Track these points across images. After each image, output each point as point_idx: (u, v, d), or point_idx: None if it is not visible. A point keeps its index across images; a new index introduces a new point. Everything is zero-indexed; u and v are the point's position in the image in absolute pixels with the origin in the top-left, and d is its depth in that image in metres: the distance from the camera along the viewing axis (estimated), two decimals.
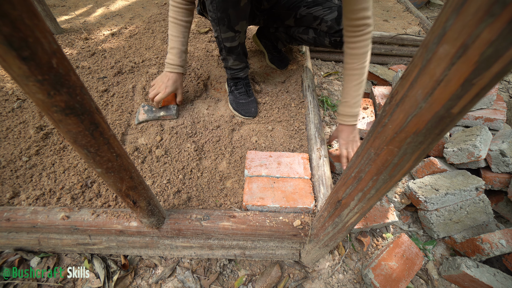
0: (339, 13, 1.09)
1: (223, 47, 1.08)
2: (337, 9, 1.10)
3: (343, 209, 0.59)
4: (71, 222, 0.84)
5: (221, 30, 0.99)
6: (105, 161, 0.49)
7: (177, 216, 0.85)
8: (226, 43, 1.05)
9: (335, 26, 1.11)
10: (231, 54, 1.11)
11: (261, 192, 0.90)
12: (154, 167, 1.02)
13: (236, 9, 0.92)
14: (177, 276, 0.94)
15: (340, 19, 1.10)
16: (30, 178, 0.97)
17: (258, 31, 1.51)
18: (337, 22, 1.10)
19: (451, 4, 0.24)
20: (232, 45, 1.06)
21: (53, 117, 0.37)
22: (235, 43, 1.05)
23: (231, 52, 1.10)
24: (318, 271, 0.98)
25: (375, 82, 1.68)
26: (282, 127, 1.20)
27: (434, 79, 0.28)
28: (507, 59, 0.23)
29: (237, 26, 0.98)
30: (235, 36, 1.02)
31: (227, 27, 0.97)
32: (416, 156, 0.38)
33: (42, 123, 1.15)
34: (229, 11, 0.91)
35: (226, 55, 1.12)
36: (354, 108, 1.07)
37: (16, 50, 0.28)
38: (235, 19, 0.95)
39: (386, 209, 1.10)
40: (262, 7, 1.21)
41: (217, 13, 0.92)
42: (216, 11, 0.92)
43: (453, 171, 1.15)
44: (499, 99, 1.32)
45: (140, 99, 1.28)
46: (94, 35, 1.72)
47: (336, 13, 1.09)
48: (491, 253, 0.93)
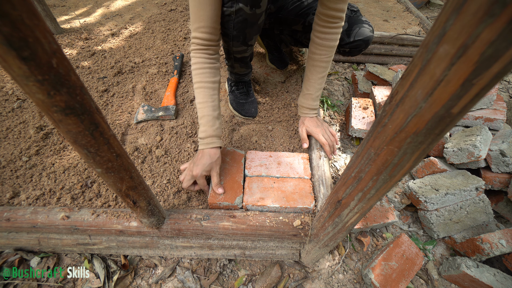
0: (350, 25, 1.08)
1: (232, 57, 1.04)
2: (347, 20, 1.08)
3: (343, 209, 0.59)
4: (71, 222, 0.84)
5: (234, 45, 0.94)
6: (105, 161, 0.49)
7: (177, 216, 0.85)
8: (236, 55, 1.01)
9: (345, 38, 1.09)
10: (239, 62, 1.08)
11: (261, 192, 0.90)
12: (154, 167, 1.02)
13: (254, 28, 0.88)
14: (177, 276, 0.94)
15: (350, 31, 1.08)
16: (30, 178, 0.97)
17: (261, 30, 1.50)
18: (347, 34, 1.08)
19: (451, 4, 0.24)
20: (243, 55, 1.03)
21: (53, 117, 0.37)
22: (246, 53, 1.02)
23: (240, 61, 1.07)
24: (318, 271, 0.98)
25: (375, 82, 1.68)
26: (282, 127, 1.20)
27: (434, 79, 0.28)
28: (507, 59, 0.23)
29: (251, 41, 0.95)
30: (247, 49, 0.99)
31: (242, 43, 0.93)
32: (416, 156, 0.38)
33: (42, 123, 1.15)
34: (247, 30, 0.87)
35: (233, 63, 1.09)
36: (316, 101, 1.06)
37: (16, 50, 0.28)
38: (251, 35, 0.91)
39: (386, 209, 1.10)
40: (269, 10, 1.19)
41: (233, 31, 0.87)
42: (232, 30, 0.86)
43: (453, 171, 1.15)
44: (499, 99, 1.32)
45: (140, 99, 1.28)
46: (94, 35, 1.72)
47: (346, 24, 1.08)
48: (491, 253, 0.93)
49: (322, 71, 1.00)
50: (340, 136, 1.44)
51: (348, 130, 1.39)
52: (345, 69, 1.92)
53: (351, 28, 1.08)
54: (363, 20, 1.10)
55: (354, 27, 1.08)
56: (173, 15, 1.93)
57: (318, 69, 0.99)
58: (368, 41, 1.10)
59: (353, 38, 1.08)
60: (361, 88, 1.62)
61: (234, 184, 0.92)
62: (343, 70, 1.90)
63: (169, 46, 1.61)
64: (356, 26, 1.08)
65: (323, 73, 1.00)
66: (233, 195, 0.89)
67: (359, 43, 1.09)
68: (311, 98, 1.05)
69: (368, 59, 1.91)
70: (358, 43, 1.09)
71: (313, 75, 1.01)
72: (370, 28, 1.09)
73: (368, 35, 1.08)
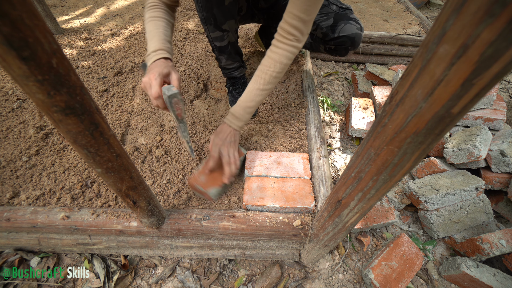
0: (335, 20, 1.06)
1: (213, 46, 1.08)
2: (333, 15, 1.07)
3: (343, 209, 0.59)
4: (71, 222, 0.84)
5: (209, 29, 0.99)
6: (105, 161, 0.49)
7: (177, 216, 0.85)
8: (216, 43, 1.05)
9: (329, 34, 1.07)
10: (222, 53, 1.10)
11: (261, 192, 0.90)
12: (154, 167, 1.02)
13: (221, 9, 0.91)
14: (177, 276, 0.94)
15: (335, 26, 1.05)
16: (30, 178, 0.97)
17: (260, 29, 1.51)
18: (332, 30, 1.06)
19: (451, 4, 0.24)
20: (221, 44, 1.05)
21: (53, 117, 0.37)
22: (224, 42, 1.04)
23: (222, 52, 1.09)
24: (318, 271, 0.98)
25: (375, 82, 1.68)
26: (282, 127, 1.20)
27: (434, 79, 0.28)
28: (507, 59, 0.23)
29: (224, 25, 0.97)
30: (223, 36, 1.01)
31: (214, 26, 0.96)
32: (416, 156, 0.38)
33: (42, 123, 1.15)
34: (214, 10, 0.91)
35: (218, 54, 1.12)
36: (246, 114, 0.92)
37: (16, 50, 0.28)
38: (222, 18, 0.94)
39: (386, 209, 1.10)
40: (260, 6, 1.20)
41: (203, 12, 0.92)
42: (202, 11, 0.92)
43: (453, 171, 1.15)
44: (499, 99, 1.32)
45: (140, 99, 1.28)
46: (94, 35, 1.72)
47: (332, 20, 1.06)
48: (491, 253, 0.93)
49: (263, 83, 0.88)
50: (340, 136, 1.44)
51: (348, 130, 1.39)
52: (345, 69, 1.92)
53: (336, 24, 1.05)
54: (351, 17, 1.06)
55: (340, 23, 1.05)
56: None
57: (259, 80, 0.88)
58: (354, 39, 1.05)
59: (338, 34, 1.05)
60: (361, 88, 1.62)
61: (220, 176, 0.92)
62: (343, 70, 1.90)
63: None
64: (342, 22, 1.05)
65: (263, 86, 0.88)
66: (210, 184, 0.90)
67: (343, 39, 1.05)
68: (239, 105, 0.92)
69: (368, 59, 1.91)
70: (343, 40, 1.06)
71: (252, 85, 0.90)
72: (357, 25, 1.04)
73: (355, 32, 1.03)
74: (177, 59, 1.52)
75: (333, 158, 1.34)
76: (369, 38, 1.81)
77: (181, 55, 1.54)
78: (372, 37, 1.80)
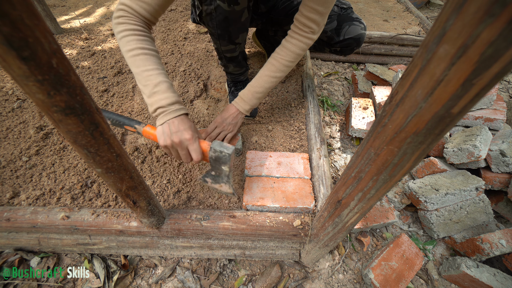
0: (339, 23, 1.05)
1: (223, 57, 1.05)
2: (336, 18, 1.05)
3: (343, 209, 0.59)
4: (71, 222, 0.84)
5: (221, 44, 0.95)
6: (105, 161, 0.49)
7: (177, 216, 0.85)
8: (226, 54, 1.02)
9: (335, 38, 1.06)
10: (231, 62, 1.09)
11: (261, 192, 0.90)
12: (154, 167, 1.02)
13: (237, 25, 0.88)
14: (177, 276, 0.94)
15: (340, 29, 1.04)
16: (30, 178, 0.97)
17: (257, 31, 1.51)
18: (337, 33, 1.05)
19: (451, 4, 0.24)
20: (232, 55, 1.03)
21: (53, 117, 0.37)
22: (235, 53, 1.03)
23: (231, 61, 1.08)
24: (318, 271, 0.98)
25: (375, 82, 1.68)
26: (282, 127, 1.20)
27: (434, 79, 0.28)
28: (507, 59, 0.23)
29: (237, 39, 0.95)
30: (235, 48, 1.00)
31: (228, 41, 0.94)
32: (416, 156, 0.38)
33: (42, 123, 1.15)
34: (230, 28, 0.88)
35: (226, 62, 1.10)
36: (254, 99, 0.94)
37: (16, 50, 0.28)
38: (236, 33, 0.92)
39: (386, 209, 1.10)
40: (260, 10, 1.20)
41: (217, 30, 0.88)
42: (216, 28, 0.88)
43: (453, 171, 1.15)
44: (499, 99, 1.32)
45: (140, 99, 1.28)
46: (94, 35, 1.72)
47: (335, 22, 1.05)
48: (491, 253, 0.93)
49: (274, 70, 0.90)
50: (340, 136, 1.44)
51: (348, 130, 1.39)
52: (345, 69, 1.92)
53: (340, 26, 1.04)
54: (354, 17, 1.05)
55: (344, 25, 1.04)
56: (173, 15, 1.93)
57: (271, 67, 0.91)
58: (360, 39, 1.05)
59: (343, 36, 1.04)
60: (361, 88, 1.62)
61: None
62: (343, 70, 1.90)
63: (169, 46, 1.61)
64: (346, 24, 1.04)
65: (274, 73, 0.90)
66: None
67: (349, 41, 1.05)
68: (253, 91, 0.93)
69: (368, 59, 1.91)
70: (349, 42, 1.05)
71: (263, 71, 0.92)
72: (361, 25, 1.04)
73: (359, 32, 1.03)
74: (177, 59, 1.51)
75: (333, 158, 1.34)
76: (369, 38, 1.81)
77: (181, 55, 1.54)
78: (372, 37, 1.80)
